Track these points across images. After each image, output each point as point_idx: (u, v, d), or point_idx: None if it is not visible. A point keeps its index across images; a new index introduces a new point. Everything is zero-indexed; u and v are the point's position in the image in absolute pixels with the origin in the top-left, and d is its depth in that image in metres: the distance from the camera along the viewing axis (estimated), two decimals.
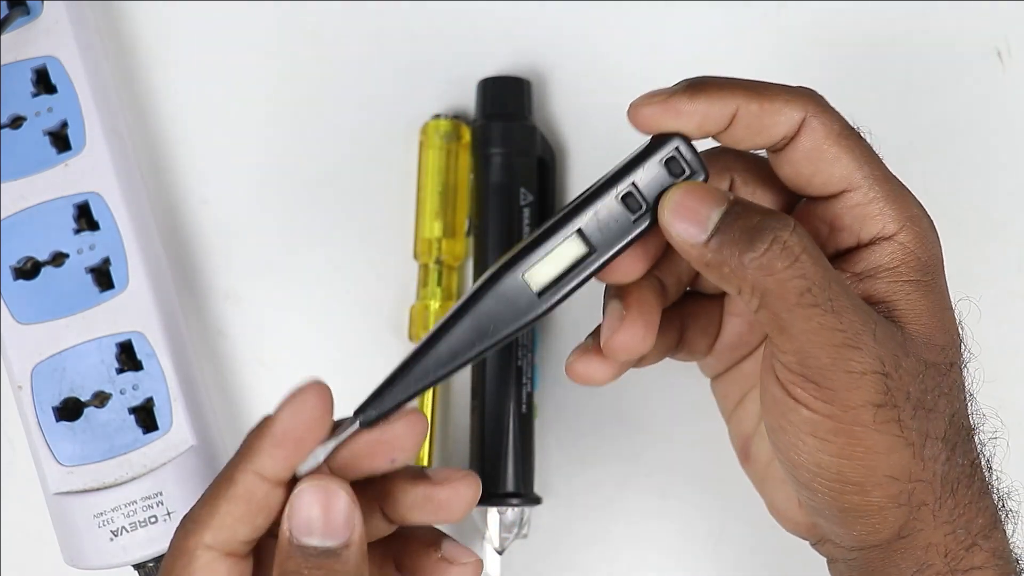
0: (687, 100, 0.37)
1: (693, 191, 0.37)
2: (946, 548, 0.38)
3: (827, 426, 0.36)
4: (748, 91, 0.38)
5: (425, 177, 0.52)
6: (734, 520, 0.52)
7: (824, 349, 0.35)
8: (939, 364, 0.38)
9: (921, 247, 0.38)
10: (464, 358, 0.37)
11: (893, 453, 0.36)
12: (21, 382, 0.48)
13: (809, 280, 0.35)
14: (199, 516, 0.35)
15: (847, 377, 0.36)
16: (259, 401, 0.52)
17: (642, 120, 0.38)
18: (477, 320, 0.37)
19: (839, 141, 0.38)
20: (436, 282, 0.51)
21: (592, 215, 0.37)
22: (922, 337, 0.37)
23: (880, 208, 0.38)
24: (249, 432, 0.36)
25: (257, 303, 0.53)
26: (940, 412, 0.37)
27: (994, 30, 0.54)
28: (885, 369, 0.36)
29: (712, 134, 0.38)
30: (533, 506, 0.50)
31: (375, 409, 0.36)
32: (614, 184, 0.38)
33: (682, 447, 0.52)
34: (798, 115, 0.38)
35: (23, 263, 0.48)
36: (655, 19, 0.54)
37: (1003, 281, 0.53)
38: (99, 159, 0.49)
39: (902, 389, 0.36)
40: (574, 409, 0.52)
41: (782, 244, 0.35)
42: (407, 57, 0.54)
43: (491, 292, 0.37)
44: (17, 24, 0.49)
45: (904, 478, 0.37)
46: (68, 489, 0.47)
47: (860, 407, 0.36)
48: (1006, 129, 0.53)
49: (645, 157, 0.38)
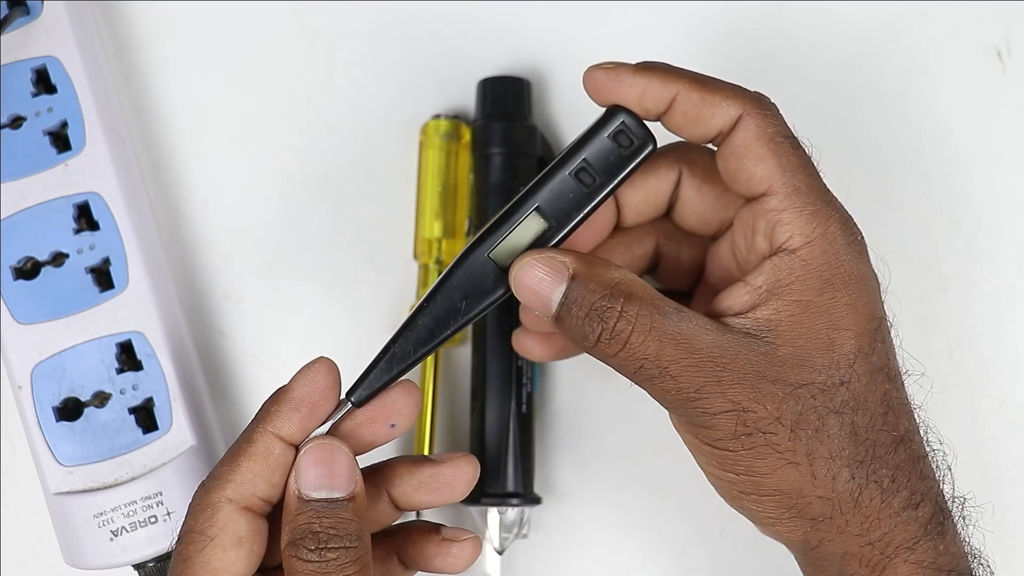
0: (631, 73, 0.40)
1: (533, 268, 0.39)
2: (863, 558, 0.39)
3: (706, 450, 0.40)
4: (692, 80, 0.40)
5: (425, 177, 0.52)
6: (734, 520, 0.51)
7: (675, 405, 0.39)
8: (818, 384, 0.38)
9: (826, 264, 0.39)
10: (441, 336, 0.40)
11: (776, 471, 0.39)
12: (21, 382, 0.48)
13: (640, 358, 0.38)
14: (221, 473, 0.38)
15: (703, 420, 0.39)
16: (259, 401, 0.52)
17: (590, 84, 0.40)
18: (450, 299, 0.40)
19: (768, 143, 0.39)
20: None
21: (549, 191, 0.40)
22: (797, 359, 0.38)
23: (791, 218, 0.39)
24: (266, 400, 0.39)
25: (257, 303, 0.53)
26: (831, 431, 0.38)
27: (994, 30, 0.54)
28: (740, 405, 0.38)
29: (652, 113, 0.40)
30: (533, 506, 0.50)
31: (365, 389, 0.40)
32: (567, 161, 0.40)
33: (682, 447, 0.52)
34: (735, 111, 0.39)
35: (23, 263, 0.48)
36: (655, 19, 0.54)
37: (1002, 281, 0.53)
38: (99, 159, 0.49)
39: (767, 416, 0.38)
40: (574, 409, 0.52)
41: (611, 332, 0.38)
42: (407, 57, 0.54)
43: (460, 271, 0.40)
44: (17, 24, 0.49)
45: (793, 493, 0.39)
46: (68, 489, 0.47)
47: (724, 439, 0.39)
48: (1006, 129, 0.53)
49: (594, 133, 0.40)
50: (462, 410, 0.52)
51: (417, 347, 0.40)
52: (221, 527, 0.37)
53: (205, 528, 0.37)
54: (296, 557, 0.37)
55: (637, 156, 0.40)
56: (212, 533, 0.37)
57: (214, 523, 0.37)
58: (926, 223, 0.53)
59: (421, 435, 0.51)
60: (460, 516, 0.51)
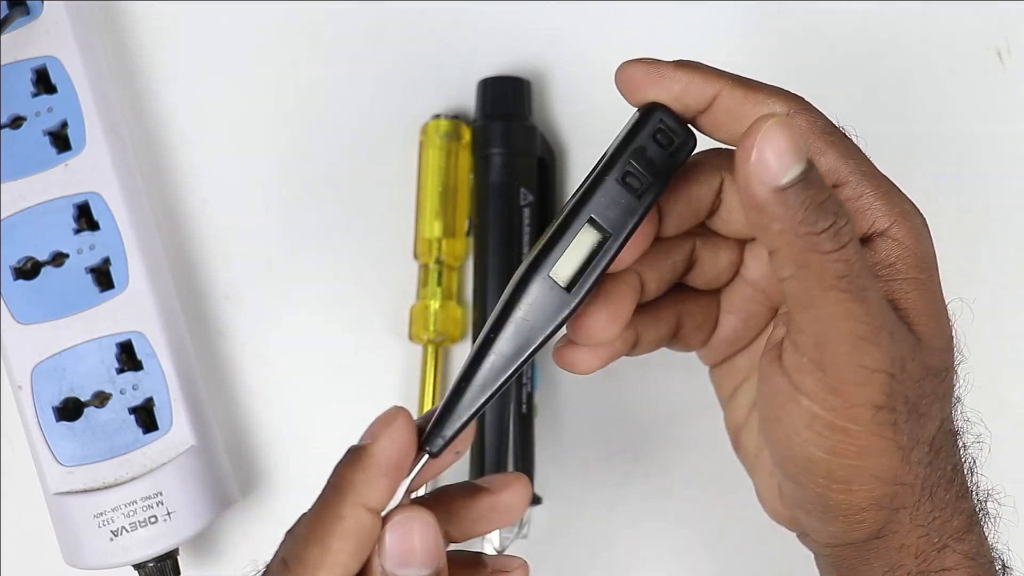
0: (672, 68, 0.38)
1: (792, 131, 0.34)
2: (918, 549, 0.38)
3: (824, 421, 0.36)
4: (734, 79, 0.38)
5: (425, 177, 0.52)
6: (734, 520, 0.52)
7: (845, 337, 0.35)
8: (937, 369, 0.37)
9: (915, 242, 0.38)
10: (513, 367, 0.38)
11: (883, 456, 0.36)
12: (21, 382, 0.48)
13: (850, 267, 0.35)
14: (308, 558, 0.35)
15: (858, 371, 0.35)
16: (259, 401, 0.52)
17: (625, 80, 0.39)
18: (517, 327, 0.38)
19: (823, 137, 0.38)
20: (436, 282, 0.51)
21: (598, 201, 0.38)
22: (927, 340, 0.37)
23: (870, 202, 0.37)
24: (340, 466, 0.36)
25: (257, 303, 0.53)
26: (932, 418, 0.37)
27: (994, 30, 0.54)
28: (893, 370, 0.35)
29: (692, 110, 0.38)
30: (533, 506, 0.50)
31: (441, 439, 0.37)
32: (612, 167, 0.38)
33: (682, 447, 0.52)
34: (782, 109, 0.38)
35: (23, 263, 0.48)
36: (655, 19, 0.54)
37: (1002, 281, 0.53)
38: (99, 159, 0.49)
39: (902, 393, 0.36)
40: (574, 409, 0.52)
41: (837, 228, 0.34)
42: (407, 57, 0.54)
43: (524, 297, 0.38)
44: (17, 24, 0.49)
45: (890, 480, 0.37)
46: (68, 489, 0.47)
47: (861, 405, 0.35)
48: (1006, 129, 0.53)
49: (634, 135, 0.38)
50: None
51: (487, 385, 0.38)
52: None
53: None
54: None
55: (680, 154, 0.39)
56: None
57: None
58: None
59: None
60: None
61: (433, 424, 0.37)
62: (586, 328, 0.40)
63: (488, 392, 0.38)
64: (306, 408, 0.52)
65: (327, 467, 0.51)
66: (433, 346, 0.51)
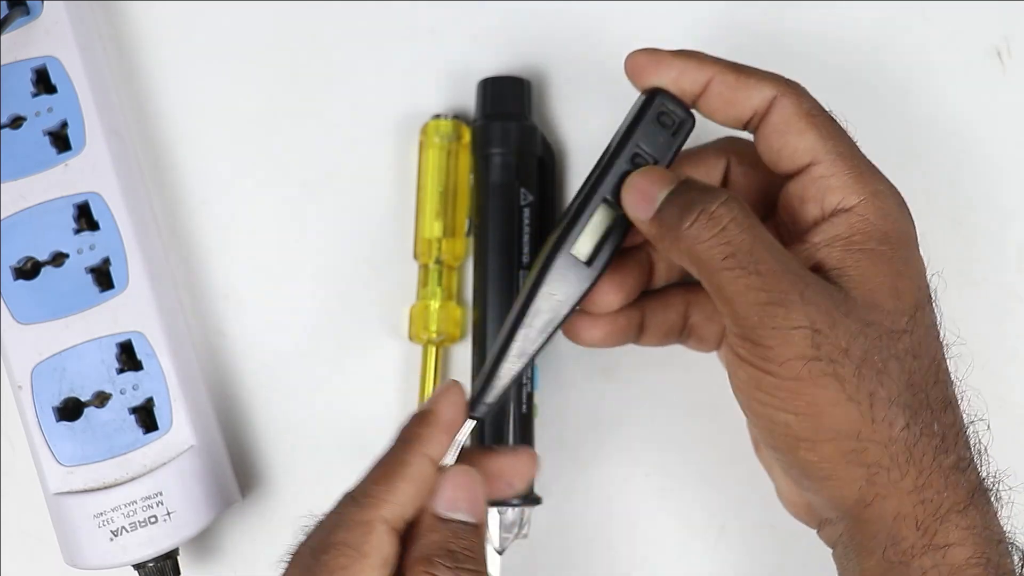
0: (671, 56, 0.42)
1: (646, 175, 0.42)
2: (917, 520, 0.38)
3: (768, 381, 0.39)
4: (727, 64, 0.42)
5: (425, 177, 0.52)
6: (733, 519, 0.52)
7: (752, 308, 0.38)
8: (885, 327, 0.39)
9: (881, 219, 0.40)
10: (544, 337, 0.42)
11: (836, 407, 0.38)
12: (21, 382, 0.48)
13: (733, 246, 0.39)
14: (376, 492, 0.39)
15: (775, 333, 0.38)
16: (259, 401, 0.52)
17: (631, 67, 0.43)
18: (546, 301, 0.42)
19: (806, 118, 0.41)
20: (436, 282, 0.51)
21: (611, 182, 0.42)
22: (866, 301, 0.39)
23: (842, 181, 0.41)
24: (408, 423, 0.41)
25: (257, 303, 0.53)
26: (891, 375, 0.39)
27: (994, 30, 0.54)
28: (816, 326, 0.38)
29: (688, 94, 0.42)
30: (533, 506, 0.50)
31: (483, 406, 0.42)
32: (621, 150, 0.42)
33: (682, 447, 0.52)
34: (769, 92, 0.41)
35: (23, 263, 0.48)
36: (655, 19, 0.54)
37: (1003, 280, 0.53)
38: (99, 159, 0.49)
39: (837, 346, 0.38)
40: (574, 409, 0.52)
41: (708, 215, 0.39)
42: (407, 57, 0.54)
43: (550, 274, 0.42)
44: (17, 24, 0.49)
45: (851, 435, 0.38)
46: (68, 489, 0.47)
47: (792, 360, 0.38)
48: (1006, 129, 0.53)
49: (640, 118, 0.43)
50: None
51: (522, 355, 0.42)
52: (374, 546, 0.38)
53: (359, 544, 0.38)
54: (429, 573, 0.37)
55: (681, 133, 0.42)
56: (366, 551, 0.38)
57: (368, 541, 0.38)
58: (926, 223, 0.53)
59: None
60: None
61: (477, 394, 0.42)
62: (592, 295, 0.43)
63: (523, 361, 0.42)
64: (306, 408, 0.52)
65: (327, 467, 0.51)
66: (433, 346, 0.51)
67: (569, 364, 0.52)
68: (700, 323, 0.46)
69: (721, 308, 0.39)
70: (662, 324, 0.46)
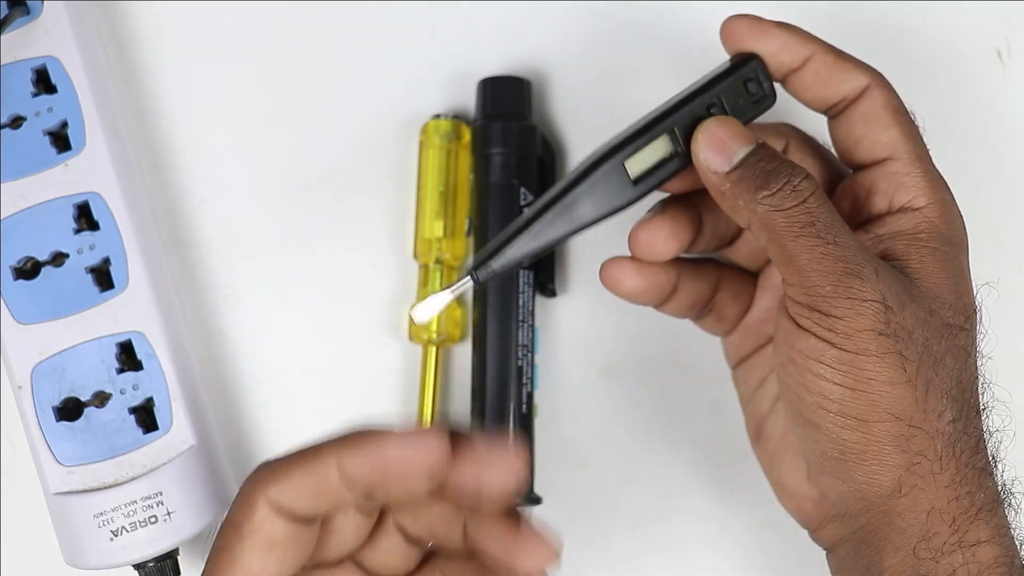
0: (775, 26, 0.42)
1: (726, 124, 0.41)
2: (951, 516, 0.38)
3: (832, 353, 0.38)
4: (827, 46, 0.42)
5: (425, 177, 0.52)
6: (733, 520, 0.52)
7: (826, 277, 0.38)
8: (947, 322, 0.39)
9: (945, 224, 0.41)
10: (567, 230, 0.41)
11: (894, 387, 0.38)
12: (21, 382, 0.48)
13: (814, 216, 0.38)
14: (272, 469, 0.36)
15: (849, 303, 0.38)
16: (259, 401, 0.52)
17: (729, 31, 0.42)
18: (582, 197, 0.41)
19: (894, 113, 0.41)
20: (436, 282, 0.51)
21: (684, 119, 0.42)
22: (931, 293, 0.39)
23: (915, 181, 0.41)
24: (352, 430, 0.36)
25: (257, 303, 0.53)
26: (947, 367, 0.39)
27: (994, 30, 0.54)
28: (887, 302, 0.38)
29: (785, 67, 0.42)
30: (533, 506, 0.50)
31: (486, 268, 0.41)
32: (702, 94, 0.42)
33: (682, 447, 0.52)
34: (864, 80, 0.42)
35: (23, 263, 0.48)
36: (655, 19, 0.54)
37: (1003, 281, 0.53)
38: (99, 159, 0.49)
39: (904, 326, 0.38)
40: (574, 409, 0.52)
41: (792, 187, 0.39)
42: (407, 57, 0.54)
43: (600, 170, 0.41)
44: (17, 24, 0.49)
45: (904, 418, 0.38)
46: (68, 489, 0.47)
47: (862, 332, 0.38)
48: (1006, 129, 0.53)
49: (729, 74, 0.42)
50: (462, 410, 0.52)
51: (550, 232, 0.41)
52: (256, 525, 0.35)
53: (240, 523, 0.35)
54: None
55: (761, 105, 0.42)
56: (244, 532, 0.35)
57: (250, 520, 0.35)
58: None
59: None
60: None
61: (485, 256, 0.41)
62: (649, 236, 0.43)
63: (538, 243, 0.41)
64: (306, 408, 0.52)
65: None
66: (433, 346, 0.51)
67: (569, 364, 0.52)
68: (725, 301, 0.46)
69: (790, 277, 0.39)
70: (693, 292, 0.46)
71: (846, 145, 0.42)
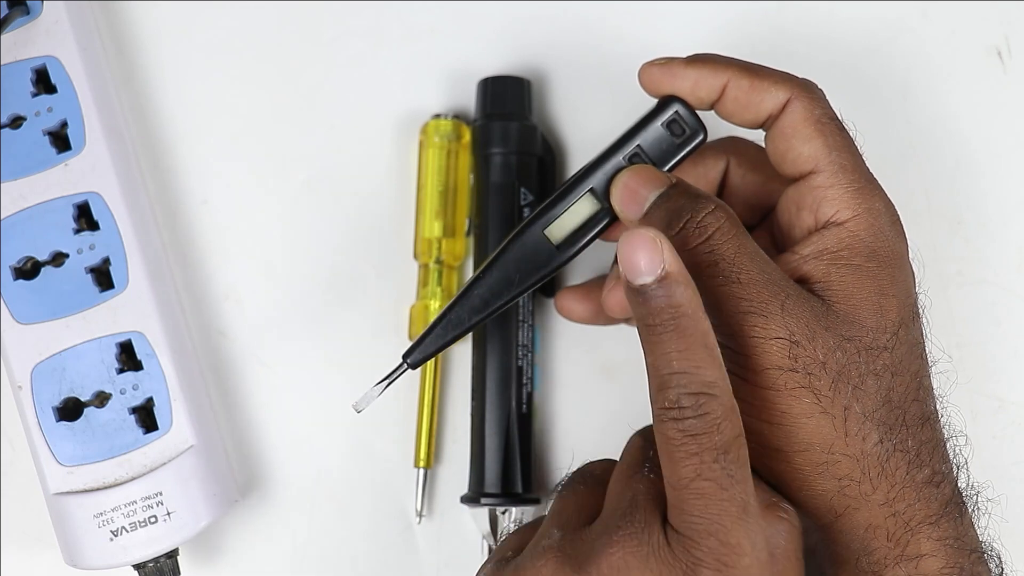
0: (684, 65, 0.42)
1: (637, 173, 0.41)
2: (888, 531, 0.39)
3: (745, 389, 0.39)
4: (742, 68, 0.42)
5: (425, 177, 0.52)
6: None
7: (732, 317, 0.38)
8: (865, 343, 0.39)
9: (871, 237, 0.40)
10: (494, 306, 0.42)
11: (809, 419, 0.38)
12: (21, 382, 0.48)
13: (717, 255, 0.39)
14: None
15: (752, 342, 0.38)
16: (259, 401, 0.52)
17: (646, 79, 0.43)
18: (505, 271, 0.42)
19: (815, 125, 0.41)
20: (436, 282, 0.51)
21: (603, 175, 0.42)
22: (848, 316, 0.39)
23: (838, 194, 0.40)
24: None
25: (257, 303, 0.53)
26: (868, 390, 0.39)
27: (994, 30, 0.54)
28: (794, 337, 0.38)
29: (705, 102, 0.42)
30: (533, 506, 0.50)
31: (420, 353, 0.42)
32: (622, 147, 0.42)
33: None
34: (783, 95, 0.41)
35: (23, 263, 0.48)
36: (655, 19, 0.54)
37: (1003, 281, 0.53)
38: (99, 159, 0.49)
39: (815, 358, 0.38)
40: (574, 409, 0.52)
41: (696, 223, 0.39)
42: (407, 57, 0.54)
43: (516, 245, 0.42)
44: (17, 24, 0.49)
45: (824, 447, 0.38)
46: (68, 489, 0.47)
47: (769, 370, 0.38)
48: (1006, 129, 0.53)
49: (648, 121, 0.42)
50: (462, 410, 0.52)
51: (471, 315, 0.42)
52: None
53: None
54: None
55: (688, 144, 0.42)
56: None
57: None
58: (926, 223, 0.53)
59: (420, 435, 0.51)
60: (458, 516, 0.51)
61: (415, 342, 0.42)
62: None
63: (468, 322, 0.42)
64: (306, 408, 0.52)
65: (327, 467, 0.51)
66: None
67: (569, 364, 0.52)
68: None
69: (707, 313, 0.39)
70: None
71: (775, 160, 0.42)
